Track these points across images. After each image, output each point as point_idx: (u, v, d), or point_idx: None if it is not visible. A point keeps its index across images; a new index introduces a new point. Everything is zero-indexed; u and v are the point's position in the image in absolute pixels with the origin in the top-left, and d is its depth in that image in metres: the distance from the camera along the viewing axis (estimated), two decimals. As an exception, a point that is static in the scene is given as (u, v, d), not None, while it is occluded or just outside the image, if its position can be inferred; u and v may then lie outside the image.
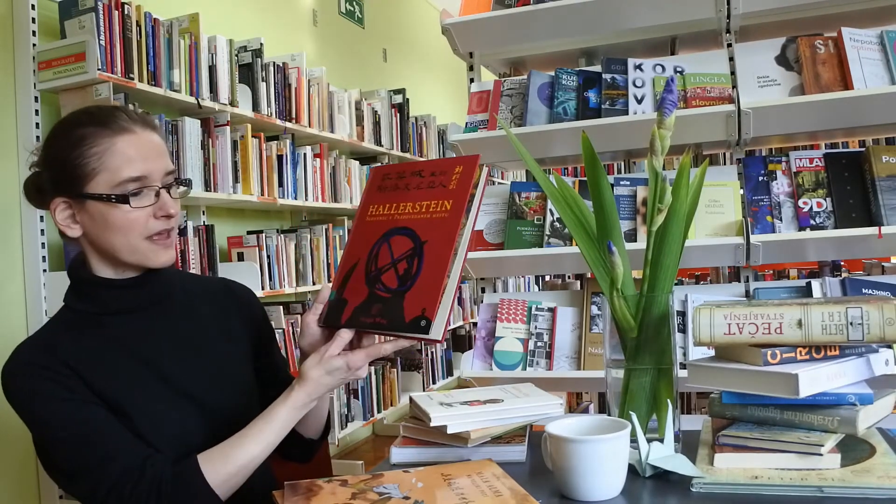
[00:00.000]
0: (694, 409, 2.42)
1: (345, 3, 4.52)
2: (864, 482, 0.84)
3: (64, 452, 0.97)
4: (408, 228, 0.99)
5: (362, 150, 3.96)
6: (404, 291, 0.95)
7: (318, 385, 0.98)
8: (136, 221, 1.01)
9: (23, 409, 0.99)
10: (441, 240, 0.96)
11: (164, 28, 2.52)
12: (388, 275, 0.98)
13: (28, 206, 1.11)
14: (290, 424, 1.00)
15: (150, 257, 1.03)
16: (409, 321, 0.93)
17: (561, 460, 0.89)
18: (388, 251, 0.99)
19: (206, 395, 1.07)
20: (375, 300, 0.97)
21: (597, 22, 1.89)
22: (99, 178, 1.00)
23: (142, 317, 1.08)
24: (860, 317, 0.90)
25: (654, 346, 1.02)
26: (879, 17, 1.83)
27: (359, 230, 1.05)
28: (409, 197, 1.02)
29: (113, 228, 1.01)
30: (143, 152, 1.02)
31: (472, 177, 0.99)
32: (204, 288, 1.20)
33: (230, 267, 2.85)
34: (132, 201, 1.00)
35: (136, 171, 1.00)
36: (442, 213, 0.98)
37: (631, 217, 1.78)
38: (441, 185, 1.00)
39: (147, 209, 1.02)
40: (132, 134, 1.02)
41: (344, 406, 3.56)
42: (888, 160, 1.62)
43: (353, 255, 1.03)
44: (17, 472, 2.28)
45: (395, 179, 1.05)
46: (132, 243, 1.02)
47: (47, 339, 1.03)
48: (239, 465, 0.96)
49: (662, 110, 0.99)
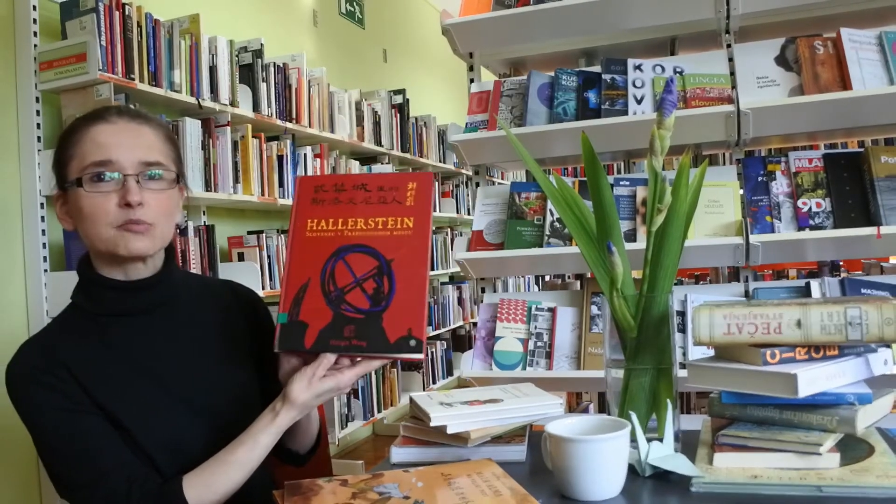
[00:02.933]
0: (694, 409, 2.42)
1: (345, 3, 4.52)
2: (862, 481, 0.84)
3: (57, 461, 0.98)
4: (365, 246, 0.99)
5: (362, 150, 3.96)
6: (380, 312, 0.96)
7: (305, 408, 1.00)
8: (98, 208, 0.99)
9: (22, 412, 1.00)
10: (411, 258, 0.97)
11: (165, 28, 2.53)
12: (355, 294, 0.97)
13: (29, 206, 1.13)
14: (272, 446, 1.00)
15: (119, 244, 1.00)
16: (395, 341, 0.94)
17: (561, 460, 0.89)
18: (346, 269, 0.98)
19: (206, 402, 1.07)
20: (345, 321, 0.96)
21: (597, 22, 1.89)
22: (72, 165, 1.02)
23: (145, 320, 1.07)
24: (859, 317, 0.90)
25: (653, 346, 1.03)
26: (879, 17, 1.83)
27: (300, 247, 1.02)
28: (358, 212, 1.01)
29: (83, 217, 1.01)
30: (114, 140, 1.01)
31: (430, 195, 1.01)
32: (209, 290, 1.20)
33: (230, 267, 2.85)
34: (86, 185, 0.99)
35: (99, 156, 0.99)
36: (404, 230, 0.99)
37: (631, 217, 1.78)
38: (395, 200, 1.01)
39: (110, 196, 0.99)
40: (110, 124, 1.02)
41: (344, 406, 3.56)
42: (887, 160, 1.62)
43: (300, 275, 1.00)
44: (19, 472, 2.28)
45: (332, 192, 1.03)
46: (99, 231, 1.00)
47: (50, 340, 1.03)
48: (221, 493, 0.97)
49: (662, 111, 0.99)
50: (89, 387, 0.99)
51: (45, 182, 2.27)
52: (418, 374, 4.32)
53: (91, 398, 0.99)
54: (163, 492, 0.95)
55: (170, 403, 1.04)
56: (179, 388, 1.05)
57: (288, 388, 0.98)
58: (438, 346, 4.59)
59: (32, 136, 2.28)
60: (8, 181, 2.29)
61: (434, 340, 4.59)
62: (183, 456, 1.01)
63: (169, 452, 1.01)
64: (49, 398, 0.98)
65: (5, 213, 2.29)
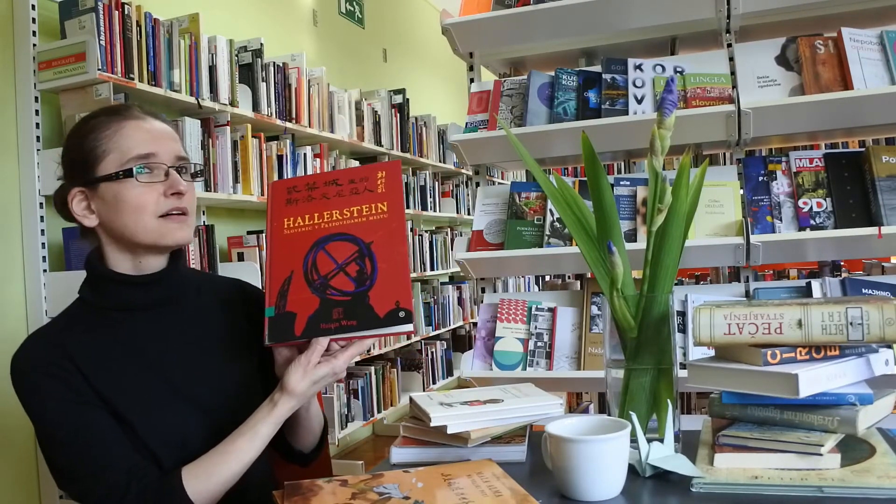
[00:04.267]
0: (694, 409, 2.42)
1: (345, 3, 4.52)
2: (863, 482, 0.84)
3: (59, 453, 0.99)
4: (344, 234, 1.01)
5: (362, 150, 3.96)
6: (366, 290, 0.97)
7: (304, 397, 1.01)
8: (146, 198, 1.02)
9: (25, 402, 1.00)
10: (389, 237, 0.99)
11: (164, 28, 2.52)
12: (339, 279, 0.98)
13: (28, 206, 1.13)
14: (271, 437, 1.01)
15: (164, 234, 1.04)
16: (385, 315, 0.95)
17: (561, 460, 0.89)
18: (327, 258, 1.00)
19: (209, 399, 1.07)
20: (332, 305, 0.97)
21: (597, 22, 1.89)
22: (109, 159, 1.03)
23: (153, 315, 1.08)
24: (860, 317, 0.90)
25: (654, 346, 1.02)
26: (879, 17, 1.83)
27: (279, 244, 1.03)
28: (332, 205, 1.03)
29: (125, 209, 1.03)
30: (152, 135, 1.05)
31: (399, 180, 1.03)
32: (217, 288, 1.21)
33: (230, 267, 2.85)
34: (139, 177, 1.02)
35: (143, 150, 1.03)
36: (379, 214, 1.01)
37: (631, 217, 1.78)
38: (367, 189, 1.03)
39: (156, 186, 1.03)
40: (141, 120, 1.06)
41: (344, 406, 3.56)
42: (888, 160, 1.62)
43: (282, 269, 1.01)
44: (17, 470, 2.27)
45: (305, 191, 1.06)
46: (145, 222, 1.03)
47: (58, 333, 1.04)
48: (220, 483, 0.98)
49: (662, 110, 0.99)
50: (94, 380, 1.00)
51: (45, 182, 2.27)
52: (418, 374, 4.32)
53: (95, 391, 1.00)
54: (162, 484, 0.96)
55: (173, 399, 1.05)
56: (183, 383, 1.06)
57: (285, 379, 0.99)
58: (438, 346, 4.59)
59: (31, 136, 2.28)
60: (7, 181, 2.29)
61: (434, 340, 4.58)
62: (184, 451, 1.01)
63: (171, 447, 1.02)
64: (54, 389, 0.98)
65: (4, 213, 2.29)
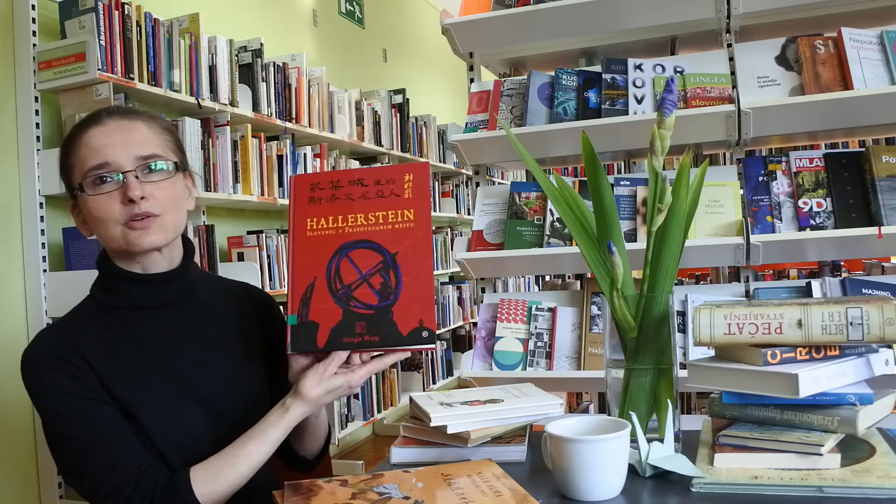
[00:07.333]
0: (694, 409, 2.42)
1: (345, 3, 4.52)
2: (864, 482, 0.84)
3: (68, 449, 0.99)
4: (369, 241, 0.99)
5: (362, 150, 3.96)
6: (389, 306, 0.96)
7: (316, 404, 1.01)
8: (105, 209, 1.01)
9: (36, 398, 1.01)
10: (415, 250, 0.98)
11: (164, 28, 2.52)
12: (362, 291, 0.98)
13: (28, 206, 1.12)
14: (281, 441, 1.01)
15: (130, 242, 1.03)
16: (408, 334, 0.95)
17: (561, 460, 0.89)
18: (351, 266, 0.99)
19: (218, 399, 1.08)
20: (355, 318, 0.97)
21: (597, 22, 1.89)
22: (74, 173, 1.04)
23: (162, 314, 1.09)
24: (860, 317, 0.90)
25: (654, 346, 1.02)
26: (879, 17, 1.83)
27: (302, 247, 1.02)
28: (357, 208, 1.01)
29: (92, 220, 1.04)
30: (108, 141, 1.03)
31: (427, 185, 1.01)
32: (225, 290, 1.21)
33: (230, 267, 2.85)
34: (88, 189, 1.02)
35: (96, 160, 1.01)
36: (406, 223, 0.99)
37: (631, 217, 1.77)
38: (394, 194, 1.01)
39: (114, 195, 1.01)
40: (102, 126, 1.04)
41: (344, 406, 3.56)
42: (888, 160, 1.61)
43: (305, 275, 1.00)
44: (17, 471, 2.27)
45: (329, 189, 1.03)
46: (109, 231, 1.03)
47: (69, 330, 1.04)
48: (229, 486, 0.98)
49: (662, 110, 0.99)
50: (105, 377, 1.00)
51: (45, 182, 2.27)
52: (418, 374, 4.32)
53: (106, 388, 1.00)
54: (170, 483, 0.96)
55: (182, 398, 1.05)
56: (193, 384, 1.06)
57: (299, 384, 0.99)
58: (438, 346, 4.59)
59: (31, 136, 2.28)
60: (7, 181, 2.29)
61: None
62: (192, 451, 1.01)
63: (179, 447, 1.02)
64: (65, 384, 0.99)
65: (4, 213, 2.29)
